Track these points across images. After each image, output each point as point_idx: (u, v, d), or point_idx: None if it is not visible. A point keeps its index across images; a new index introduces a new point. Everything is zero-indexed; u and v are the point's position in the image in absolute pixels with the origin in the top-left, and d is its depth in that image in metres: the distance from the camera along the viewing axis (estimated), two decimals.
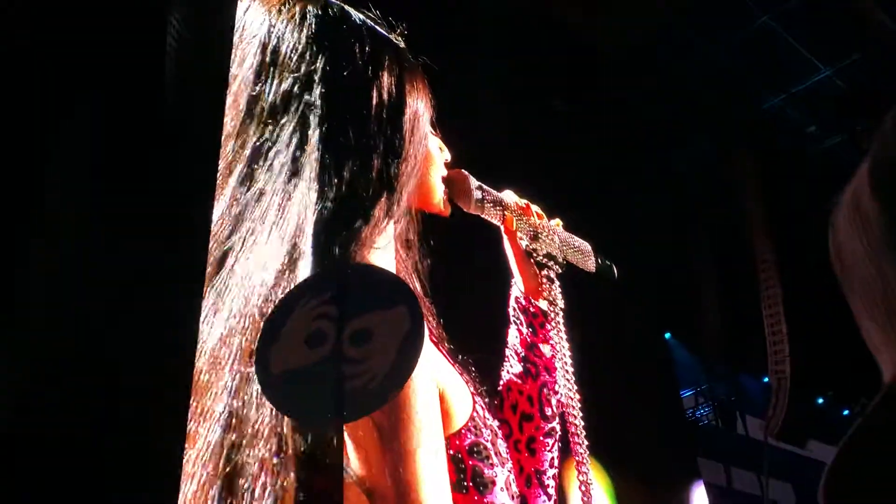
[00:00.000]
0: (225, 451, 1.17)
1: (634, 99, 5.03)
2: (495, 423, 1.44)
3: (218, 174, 1.37)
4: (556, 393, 1.56)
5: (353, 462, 1.18)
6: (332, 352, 0.98)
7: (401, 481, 1.15)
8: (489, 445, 1.35)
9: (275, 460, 1.16)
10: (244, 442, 1.18)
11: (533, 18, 4.28)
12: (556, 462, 1.56)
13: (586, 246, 1.70)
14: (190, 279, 1.33)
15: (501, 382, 1.61)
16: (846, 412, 8.30)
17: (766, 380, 6.18)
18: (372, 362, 0.98)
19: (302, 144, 1.37)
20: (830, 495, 0.74)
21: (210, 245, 1.32)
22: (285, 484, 1.15)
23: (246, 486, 1.16)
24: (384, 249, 1.42)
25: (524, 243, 1.61)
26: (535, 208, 1.66)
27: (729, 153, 5.58)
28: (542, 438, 1.55)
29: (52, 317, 1.19)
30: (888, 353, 0.76)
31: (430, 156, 1.54)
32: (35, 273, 1.20)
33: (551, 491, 1.54)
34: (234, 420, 1.19)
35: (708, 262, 5.85)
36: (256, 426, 1.18)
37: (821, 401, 8.25)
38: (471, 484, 1.29)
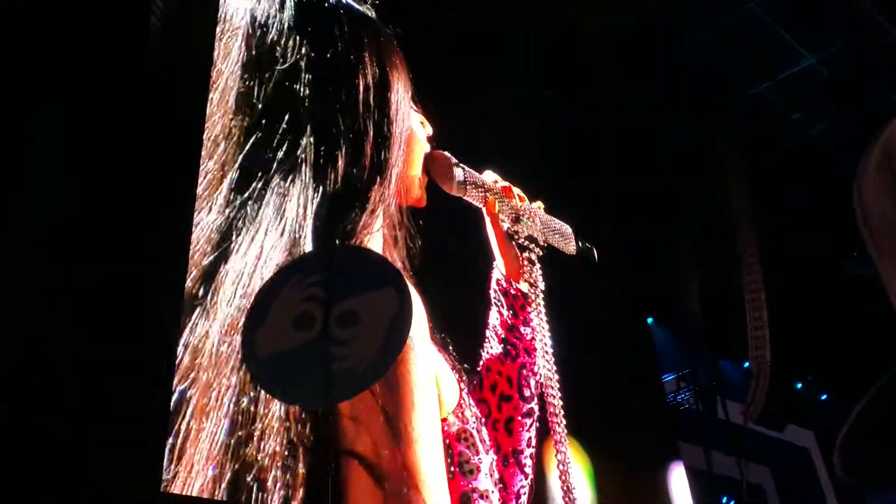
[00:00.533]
0: (233, 447, 1.19)
1: (619, 84, 5.03)
2: (478, 411, 1.46)
3: (211, 174, 1.39)
4: (535, 374, 1.57)
5: (362, 447, 1.19)
6: (320, 334, 0.99)
7: (404, 466, 1.17)
8: (474, 432, 1.38)
9: (285, 453, 1.17)
10: (254, 437, 1.19)
11: (520, 2, 4.27)
12: (533, 442, 1.58)
13: (567, 229, 1.70)
14: (174, 264, 1.34)
15: (481, 363, 1.62)
16: (824, 397, 8.39)
17: (747, 365, 6.23)
18: (359, 344, 0.98)
19: (295, 139, 1.39)
20: (846, 453, 0.75)
21: (208, 246, 1.33)
22: (297, 474, 1.16)
23: (255, 479, 1.18)
24: (377, 233, 1.44)
25: (506, 225, 1.61)
26: (516, 190, 1.66)
27: (714, 141, 5.60)
28: (520, 419, 1.56)
29: (35, 308, 1.21)
30: None
31: (413, 133, 1.55)
32: (19, 262, 1.21)
33: (528, 470, 1.55)
34: (241, 417, 1.21)
35: (690, 247, 5.89)
36: (266, 422, 1.19)
37: (800, 385, 8.34)
38: (457, 469, 1.30)
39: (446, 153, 1.59)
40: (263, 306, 1.07)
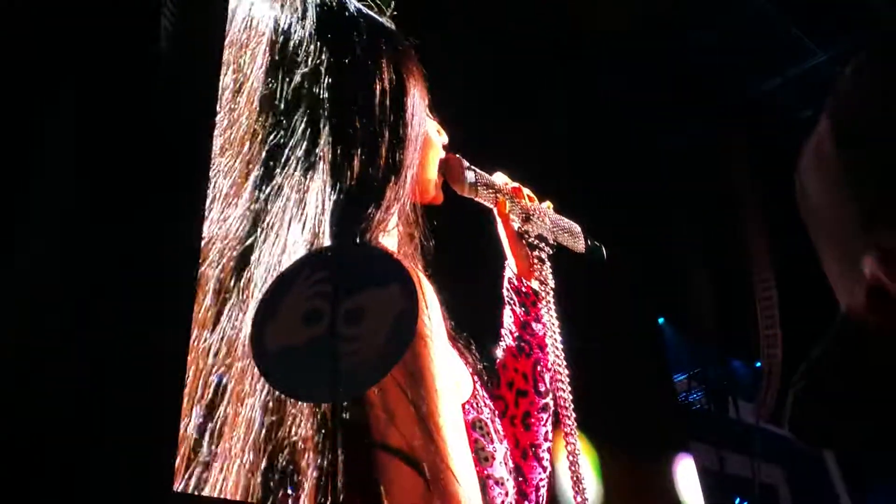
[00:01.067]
0: (265, 432, 1.23)
1: (627, 81, 5.02)
2: (492, 404, 1.50)
3: (237, 171, 1.42)
4: (548, 370, 1.61)
5: (395, 436, 1.21)
6: (328, 331, 0.99)
7: (436, 450, 1.21)
8: (489, 422, 1.42)
9: (319, 439, 1.20)
10: (288, 422, 1.23)
11: (520, 2, 4.26)
12: (550, 436, 1.62)
13: (576, 227, 1.75)
14: (178, 264, 1.34)
15: (497, 361, 1.67)
16: None
17: (759, 364, 6.21)
18: (365, 342, 0.99)
19: (314, 139, 1.43)
20: (794, 418, 0.78)
21: (236, 241, 1.37)
22: (329, 458, 1.19)
23: (289, 463, 1.20)
24: (393, 230, 1.47)
25: (516, 225, 1.65)
26: (526, 191, 1.71)
27: (722, 139, 5.59)
28: (536, 413, 1.60)
29: (35, 308, 1.20)
30: (843, 284, 0.80)
31: (428, 139, 1.59)
32: (19, 262, 1.20)
33: (546, 463, 1.60)
34: (273, 402, 1.25)
35: (700, 247, 5.88)
36: (298, 406, 1.23)
37: None
38: (473, 456, 1.34)
39: (458, 156, 1.64)
40: (274, 300, 1.08)
